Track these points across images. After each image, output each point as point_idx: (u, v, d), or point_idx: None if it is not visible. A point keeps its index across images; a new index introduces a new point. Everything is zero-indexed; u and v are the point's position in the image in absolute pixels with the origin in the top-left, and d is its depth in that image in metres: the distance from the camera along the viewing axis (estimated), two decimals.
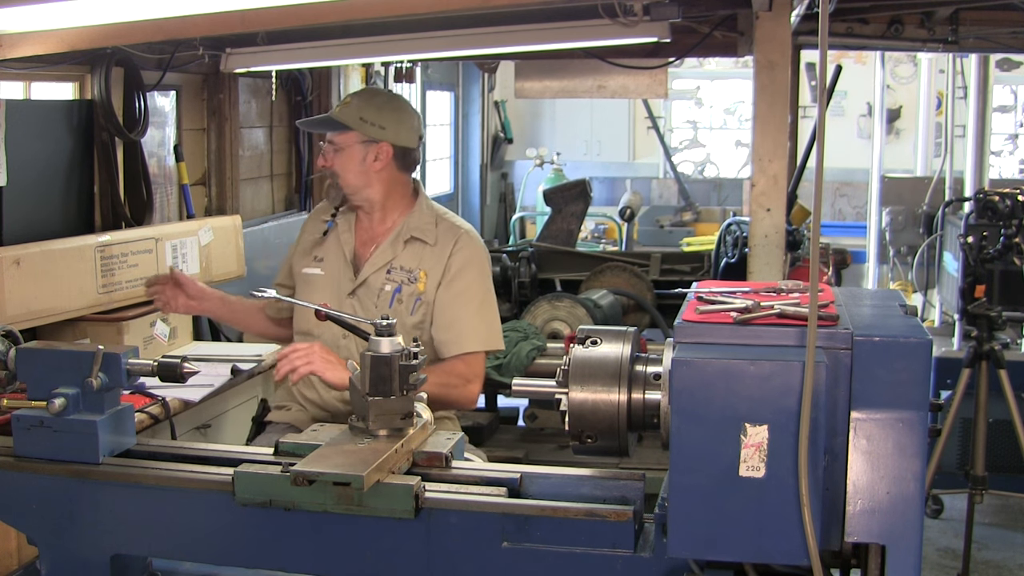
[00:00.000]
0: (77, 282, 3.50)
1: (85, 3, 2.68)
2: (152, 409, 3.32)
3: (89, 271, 3.54)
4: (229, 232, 4.31)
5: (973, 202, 4.65)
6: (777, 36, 3.58)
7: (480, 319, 3.00)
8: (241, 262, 4.37)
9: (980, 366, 4.11)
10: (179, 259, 3.92)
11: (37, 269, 3.36)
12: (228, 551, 2.22)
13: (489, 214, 11.34)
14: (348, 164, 3.02)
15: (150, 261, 3.80)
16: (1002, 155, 11.86)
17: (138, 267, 3.72)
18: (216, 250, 4.16)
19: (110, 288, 3.58)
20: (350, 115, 3.01)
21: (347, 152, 3.01)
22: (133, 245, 3.75)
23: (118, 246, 3.68)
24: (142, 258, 3.75)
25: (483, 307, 3.02)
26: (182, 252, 3.94)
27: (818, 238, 1.82)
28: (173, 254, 3.90)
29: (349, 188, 3.04)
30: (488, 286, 3.07)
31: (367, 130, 3.00)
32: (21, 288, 3.29)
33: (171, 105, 4.84)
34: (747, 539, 1.78)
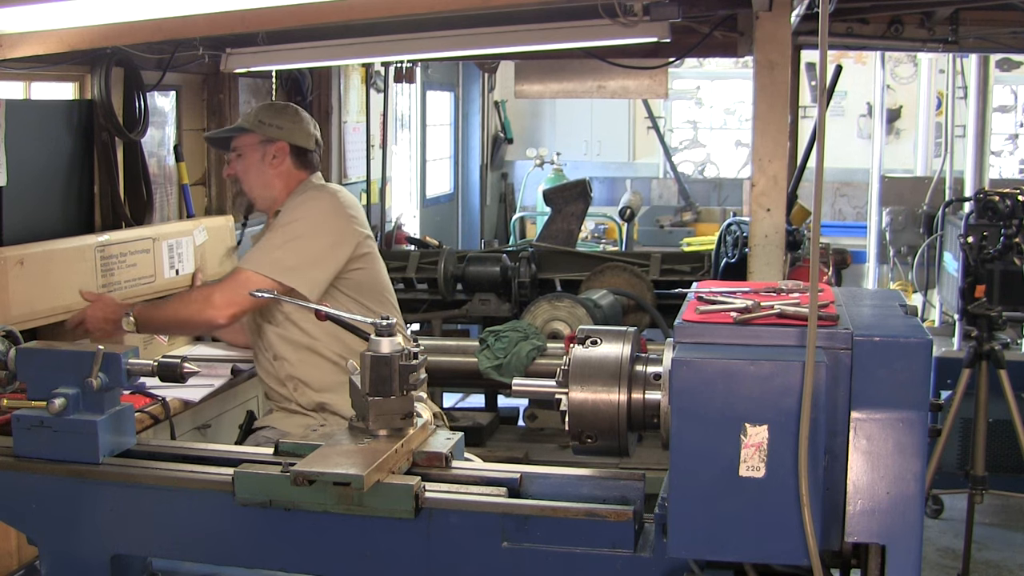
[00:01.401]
0: (78, 281, 3.45)
1: (85, 3, 2.69)
2: (152, 409, 3.32)
3: (89, 271, 3.52)
4: (223, 232, 4.28)
5: (973, 202, 4.65)
6: (777, 36, 3.58)
7: (268, 246, 3.02)
8: (234, 261, 4.36)
9: (980, 366, 4.11)
10: (175, 259, 3.90)
11: (39, 268, 3.34)
12: (228, 551, 2.22)
13: (489, 214, 11.34)
14: (249, 166, 3.18)
15: (148, 261, 3.79)
16: (1002, 155, 11.84)
17: (136, 267, 3.70)
18: (210, 249, 4.14)
19: (110, 288, 3.57)
20: (250, 119, 3.20)
21: (247, 155, 3.17)
22: (131, 245, 3.73)
23: (117, 246, 3.66)
24: (140, 258, 3.73)
25: (274, 235, 3.05)
26: (178, 252, 3.90)
27: (818, 238, 1.82)
28: (169, 254, 3.87)
29: (253, 191, 3.20)
30: (297, 223, 3.05)
31: (264, 130, 3.16)
32: (24, 288, 3.27)
33: (171, 105, 4.84)
34: (747, 539, 1.78)
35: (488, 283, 5.54)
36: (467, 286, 5.64)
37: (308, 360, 3.07)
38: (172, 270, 3.87)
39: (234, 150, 3.22)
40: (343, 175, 6.74)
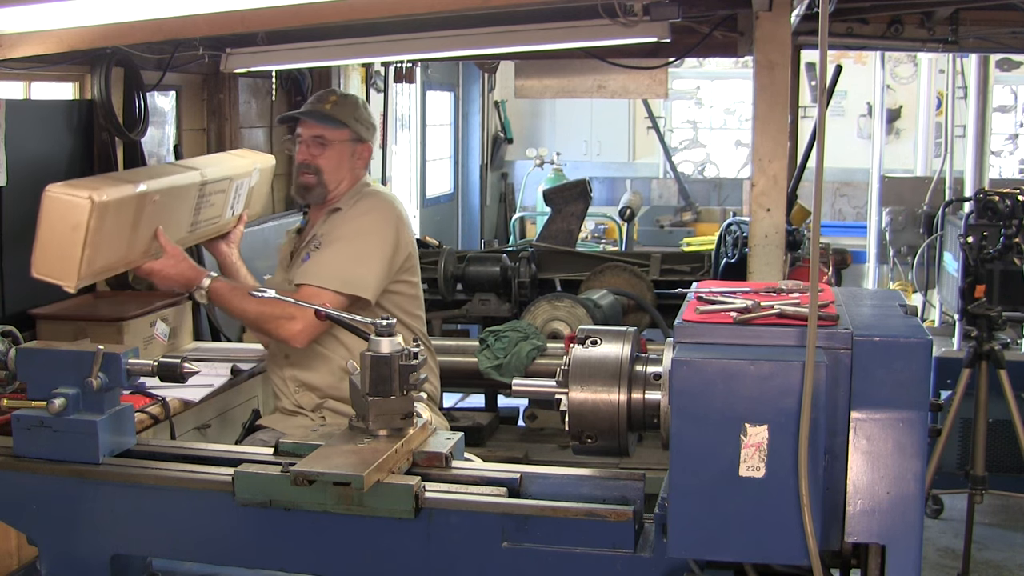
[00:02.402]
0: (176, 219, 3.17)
1: (85, 3, 2.69)
2: (152, 409, 3.32)
3: (189, 209, 3.23)
4: (267, 174, 3.83)
5: (973, 202, 4.64)
6: (777, 36, 3.58)
7: (332, 260, 2.97)
8: (270, 203, 4.19)
9: (980, 366, 4.10)
10: (236, 199, 3.51)
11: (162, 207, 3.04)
12: (228, 551, 2.22)
13: (489, 214, 11.34)
14: (336, 160, 3.08)
15: (221, 201, 3.43)
16: (1002, 155, 11.84)
17: (213, 206, 3.36)
18: (257, 190, 3.73)
19: (194, 227, 3.29)
20: (345, 114, 3.08)
21: (336, 149, 3.08)
22: (218, 184, 3.36)
23: (211, 184, 3.30)
24: (218, 198, 3.38)
25: (340, 247, 2.99)
26: (239, 193, 3.52)
27: (818, 238, 1.82)
28: (235, 194, 3.50)
29: (328, 184, 3.10)
30: (361, 233, 3.02)
31: (358, 129, 3.10)
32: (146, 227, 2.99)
33: (171, 105, 4.84)
34: (747, 539, 1.78)
35: (488, 283, 5.54)
36: (467, 286, 5.64)
37: (315, 364, 3.05)
38: (231, 211, 3.49)
39: (319, 138, 3.08)
40: None
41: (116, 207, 2.79)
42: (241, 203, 3.52)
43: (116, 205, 2.79)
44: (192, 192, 3.17)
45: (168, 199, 3.03)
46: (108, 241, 2.82)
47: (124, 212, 2.84)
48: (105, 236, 2.79)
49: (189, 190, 3.16)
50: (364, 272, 2.97)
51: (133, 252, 2.96)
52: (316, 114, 3.09)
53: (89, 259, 2.77)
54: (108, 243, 2.83)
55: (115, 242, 2.86)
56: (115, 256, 2.90)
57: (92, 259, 2.78)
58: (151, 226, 2.98)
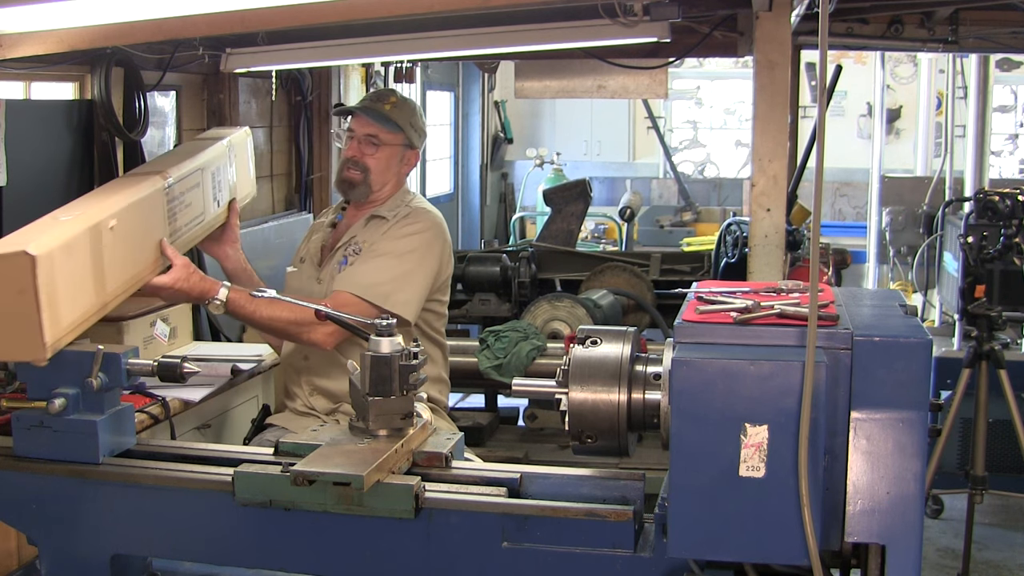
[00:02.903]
0: (153, 235, 2.79)
1: (85, 3, 2.68)
2: (152, 409, 3.31)
3: (160, 220, 2.83)
4: (242, 148, 3.43)
5: (973, 202, 4.64)
6: (777, 36, 3.58)
7: (376, 272, 2.93)
8: (253, 181, 3.53)
9: (980, 366, 4.10)
10: (216, 188, 3.13)
11: (127, 230, 2.64)
12: (228, 551, 2.22)
13: (489, 214, 11.34)
14: (385, 162, 3.06)
15: (199, 197, 3.06)
16: (1002, 155, 11.84)
17: (191, 206, 2.99)
18: (240, 169, 3.35)
19: (175, 236, 2.91)
20: (402, 118, 3.07)
21: (387, 151, 3.06)
22: (188, 180, 2.98)
23: (179, 184, 2.91)
24: (194, 195, 3.01)
25: (384, 262, 2.95)
26: (218, 180, 3.15)
27: (818, 238, 1.82)
28: (213, 184, 3.12)
29: (373, 184, 3.06)
30: (410, 252, 2.99)
31: (411, 135, 3.09)
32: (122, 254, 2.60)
33: (171, 105, 4.84)
34: (747, 539, 1.78)
35: (488, 283, 5.54)
36: (467, 286, 5.64)
37: (333, 371, 3.03)
38: (215, 203, 3.15)
39: (373, 137, 3.05)
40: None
41: (63, 253, 2.34)
42: (225, 191, 3.18)
43: (63, 251, 2.34)
44: (158, 200, 2.79)
45: (131, 218, 2.63)
46: (69, 292, 2.37)
47: (76, 254, 2.41)
48: (62, 288, 2.33)
49: (153, 199, 2.77)
50: (409, 293, 2.94)
51: (110, 287, 2.52)
52: (374, 113, 3.05)
53: (52, 320, 2.29)
54: (70, 294, 2.37)
55: (79, 289, 2.41)
56: (86, 303, 2.43)
57: (56, 319, 2.31)
58: (120, 255, 2.57)
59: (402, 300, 2.91)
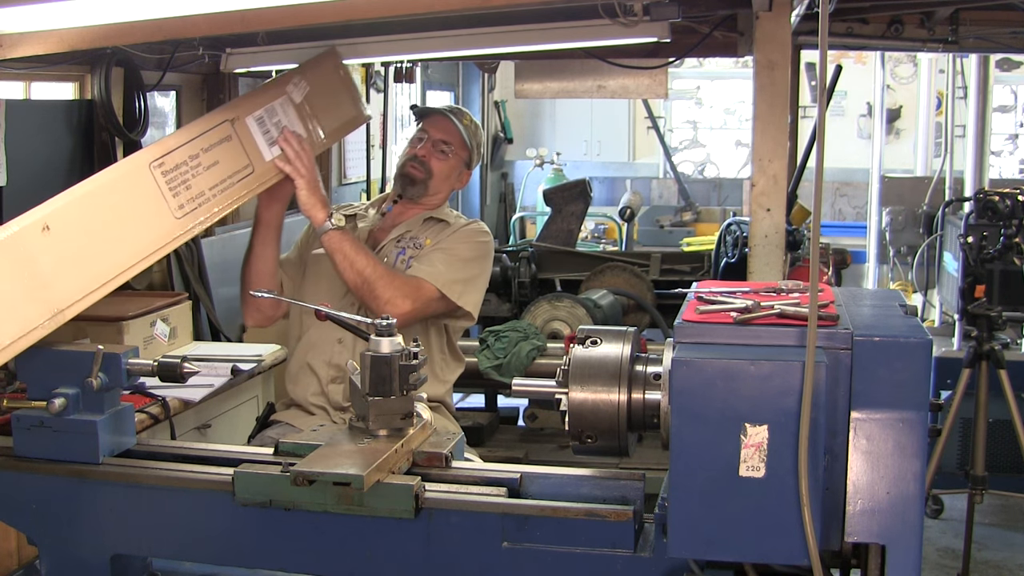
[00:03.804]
0: (141, 218, 2.52)
1: (85, 3, 2.68)
2: (152, 409, 3.32)
3: (154, 197, 2.55)
4: (328, 70, 3.08)
5: (973, 202, 4.65)
6: (777, 36, 3.58)
7: (447, 266, 3.01)
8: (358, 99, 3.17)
9: (980, 366, 4.10)
10: (273, 130, 2.87)
11: (76, 227, 2.39)
12: (228, 551, 2.22)
13: (489, 214, 11.34)
14: (446, 170, 3.18)
15: (233, 151, 2.77)
16: (1002, 155, 11.85)
17: (220, 164, 2.71)
18: (319, 100, 3.01)
19: (197, 202, 2.63)
20: (473, 137, 3.21)
21: (453, 161, 3.18)
22: (199, 142, 2.68)
23: (177, 152, 2.62)
24: (220, 151, 2.72)
25: (457, 258, 3.04)
26: (273, 122, 2.87)
27: (818, 238, 1.82)
28: (262, 128, 2.85)
29: (432, 189, 3.16)
30: (480, 256, 3.11)
31: (474, 157, 3.24)
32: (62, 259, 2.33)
33: (171, 105, 4.85)
34: (747, 539, 1.78)
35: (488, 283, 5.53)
36: None
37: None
38: (274, 147, 2.86)
39: (446, 144, 3.17)
40: (343, 175, 6.75)
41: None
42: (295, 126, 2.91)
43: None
44: (136, 181, 2.52)
45: (81, 212, 2.40)
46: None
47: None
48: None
49: (123, 182, 2.51)
50: (477, 296, 3.09)
51: (63, 291, 2.29)
52: (454, 122, 3.17)
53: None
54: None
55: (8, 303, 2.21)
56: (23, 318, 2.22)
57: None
58: (73, 254, 2.34)
59: (472, 301, 3.06)
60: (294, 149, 2.86)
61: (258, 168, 2.83)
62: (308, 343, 3.10)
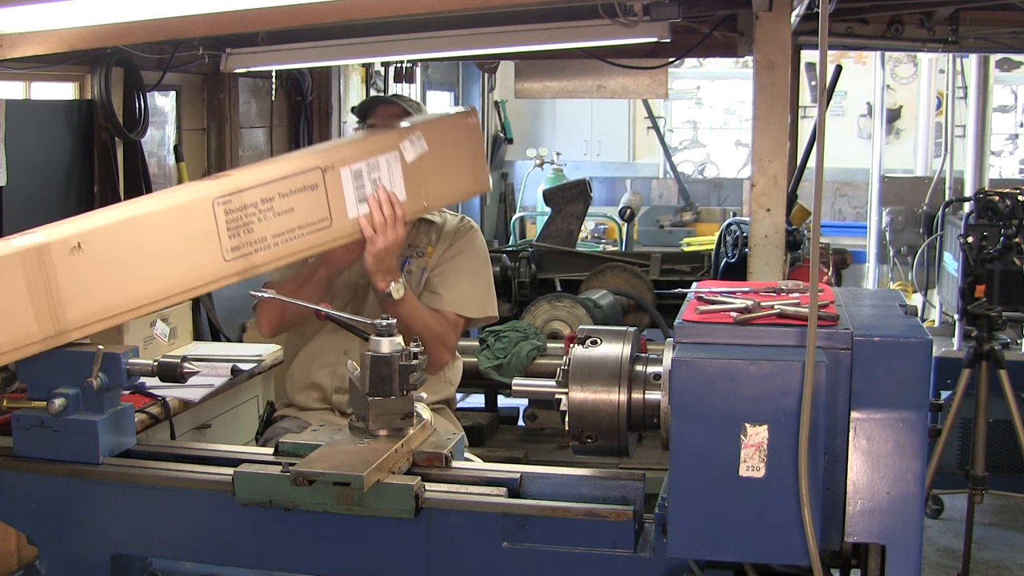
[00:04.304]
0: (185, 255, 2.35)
1: (85, 3, 2.68)
2: (152, 409, 3.32)
3: (206, 235, 2.36)
4: (455, 133, 2.73)
5: (973, 202, 4.65)
6: (777, 36, 3.58)
7: (472, 288, 3.06)
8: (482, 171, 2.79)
9: (980, 366, 4.10)
10: (367, 187, 2.56)
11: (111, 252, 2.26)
12: (228, 551, 2.22)
13: (489, 214, 11.34)
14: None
15: (314, 201, 2.48)
16: (1002, 155, 11.85)
17: (294, 212, 2.45)
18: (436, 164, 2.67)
19: (254, 247, 2.41)
20: (416, 111, 3.05)
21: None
22: (278, 186, 2.43)
23: (251, 192, 2.39)
24: (300, 199, 2.46)
25: (477, 276, 3.09)
26: (372, 178, 2.56)
27: (818, 238, 1.82)
28: (356, 183, 2.55)
29: None
30: (486, 261, 3.15)
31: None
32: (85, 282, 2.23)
33: (171, 105, 4.85)
34: (747, 539, 1.78)
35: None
36: None
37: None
38: (362, 203, 2.57)
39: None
40: None
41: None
42: (393, 188, 2.59)
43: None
44: (199, 214, 2.35)
45: (117, 238, 2.28)
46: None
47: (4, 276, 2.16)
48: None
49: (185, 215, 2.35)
50: (494, 295, 3.13)
51: (73, 315, 2.22)
52: (397, 104, 3.04)
53: None
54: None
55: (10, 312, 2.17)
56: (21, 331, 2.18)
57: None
58: (96, 278, 2.25)
59: (491, 304, 3.10)
60: (385, 217, 2.58)
61: (336, 223, 2.53)
62: (312, 353, 3.06)
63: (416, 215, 2.73)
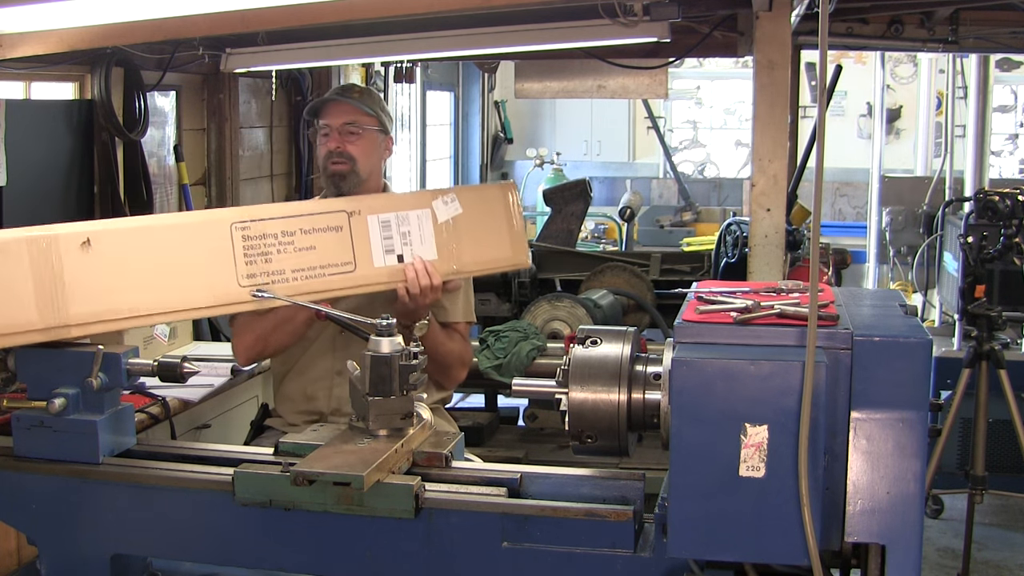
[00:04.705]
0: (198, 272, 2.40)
1: (85, 3, 2.69)
2: (152, 409, 3.31)
3: (221, 256, 2.41)
4: (493, 201, 2.75)
5: (973, 202, 4.65)
6: (777, 36, 3.58)
7: (468, 292, 3.08)
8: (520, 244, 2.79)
9: (980, 366, 4.10)
10: (396, 240, 2.60)
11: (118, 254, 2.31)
12: (228, 551, 2.22)
13: None
14: (367, 147, 2.97)
15: (338, 243, 2.54)
16: (1002, 155, 11.85)
17: (316, 250, 2.50)
18: (471, 228, 2.70)
19: (271, 279, 2.46)
20: (373, 104, 3.01)
21: (368, 136, 2.98)
22: (301, 221, 2.50)
23: (271, 223, 2.46)
24: (323, 238, 2.52)
25: (468, 281, 3.08)
26: (402, 231, 2.60)
27: (818, 238, 1.82)
28: (384, 232, 2.59)
29: (363, 173, 2.97)
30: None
31: (384, 120, 3.04)
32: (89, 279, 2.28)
33: (171, 105, 4.85)
34: (747, 539, 1.78)
35: (488, 283, 5.54)
36: None
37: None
38: (390, 255, 2.60)
39: (352, 125, 2.93)
40: None
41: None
42: (416, 247, 2.63)
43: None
44: (215, 234, 2.41)
45: (130, 243, 2.33)
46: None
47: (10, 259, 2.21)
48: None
49: (201, 233, 2.41)
50: (472, 297, 3.13)
51: (75, 311, 2.26)
52: (347, 101, 2.98)
53: None
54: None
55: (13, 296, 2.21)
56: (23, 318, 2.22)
57: None
58: (102, 278, 2.29)
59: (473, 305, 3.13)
60: (421, 288, 2.62)
61: (361, 270, 2.56)
62: (305, 376, 3.02)
63: (447, 277, 2.71)
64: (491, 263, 2.82)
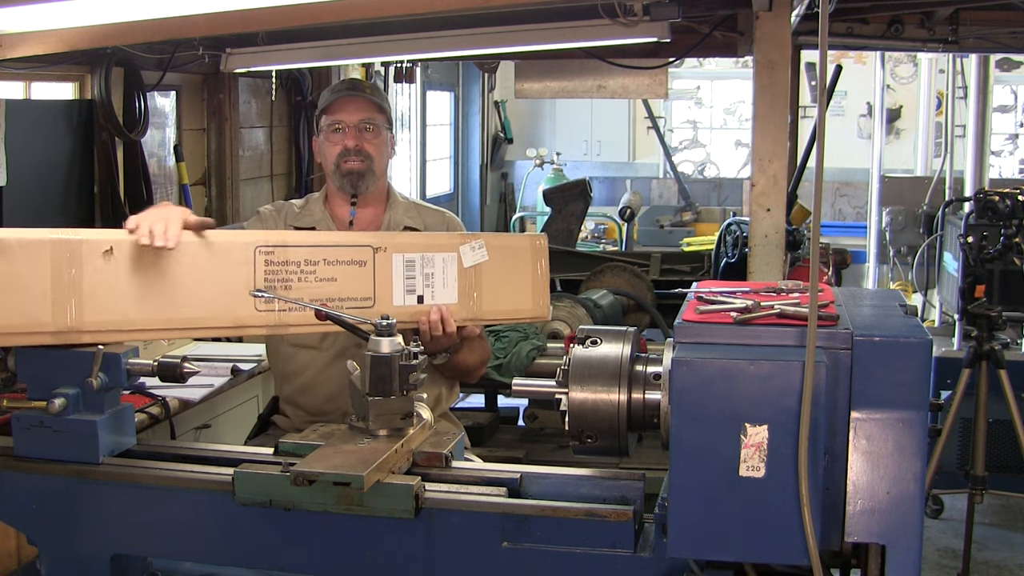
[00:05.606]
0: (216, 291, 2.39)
1: (85, 3, 2.69)
2: (152, 409, 3.31)
3: (242, 277, 2.41)
4: (521, 251, 2.71)
5: (973, 202, 4.65)
6: (777, 36, 3.58)
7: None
8: (542, 297, 2.74)
9: (980, 366, 4.10)
10: (419, 281, 2.60)
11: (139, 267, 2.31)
12: (228, 551, 2.22)
13: (489, 214, 11.34)
14: (382, 146, 2.89)
15: (360, 277, 2.53)
16: (1002, 155, 11.86)
17: (337, 282, 2.50)
18: (495, 276, 2.67)
19: (283, 305, 2.45)
20: (383, 99, 2.92)
21: (382, 134, 2.89)
22: (328, 252, 2.50)
23: (295, 250, 2.47)
24: (345, 271, 2.52)
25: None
26: (426, 272, 2.60)
27: (818, 238, 1.82)
28: (407, 272, 2.58)
29: (379, 171, 2.89)
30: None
31: (391, 117, 2.96)
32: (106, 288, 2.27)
33: (171, 105, 4.85)
34: (747, 539, 1.78)
35: None
36: None
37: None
38: (411, 295, 2.58)
39: (369, 121, 2.83)
40: None
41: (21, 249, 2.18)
42: (437, 290, 2.61)
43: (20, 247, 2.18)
44: (238, 256, 2.41)
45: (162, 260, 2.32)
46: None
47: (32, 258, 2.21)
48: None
49: (223, 253, 2.40)
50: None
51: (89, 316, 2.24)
52: (363, 96, 2.86)
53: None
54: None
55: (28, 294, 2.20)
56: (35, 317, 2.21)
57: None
58: (119, 288, 2.28)
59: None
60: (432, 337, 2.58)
61: (379, 307, 2.55)
62: (313, 386, 2.90)
63: (463, 323, 2.66)
64: (510, 314, 2.82)
